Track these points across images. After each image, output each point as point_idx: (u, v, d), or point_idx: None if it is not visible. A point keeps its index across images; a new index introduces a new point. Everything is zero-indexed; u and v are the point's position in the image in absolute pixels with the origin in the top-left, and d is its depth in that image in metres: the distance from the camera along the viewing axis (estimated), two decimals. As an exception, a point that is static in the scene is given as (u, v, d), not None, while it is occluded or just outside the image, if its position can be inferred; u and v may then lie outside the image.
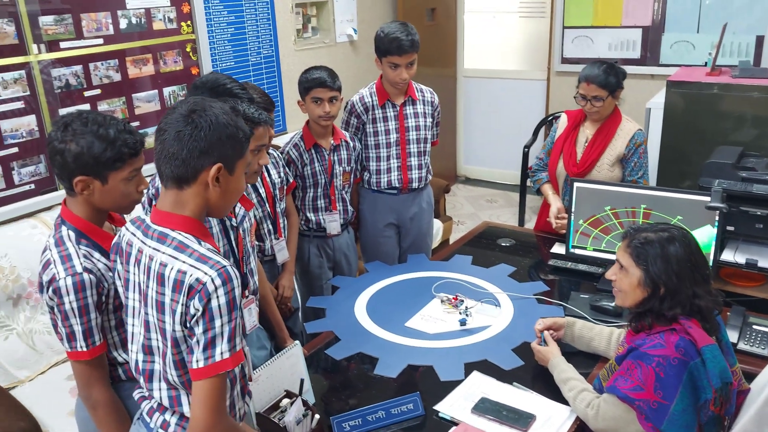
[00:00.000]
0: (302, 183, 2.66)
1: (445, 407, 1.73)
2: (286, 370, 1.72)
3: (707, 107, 3.02)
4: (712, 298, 1.57)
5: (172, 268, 1.28)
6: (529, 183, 3.14)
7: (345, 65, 4.65)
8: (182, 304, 1.27)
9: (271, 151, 2.48)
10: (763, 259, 2.24)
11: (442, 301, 2.27)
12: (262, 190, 2.36)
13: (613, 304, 2.14)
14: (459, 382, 1.83)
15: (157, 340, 1.35)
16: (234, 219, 1.83)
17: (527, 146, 4.93)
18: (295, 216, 2.63)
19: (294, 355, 1.75)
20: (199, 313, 1.25)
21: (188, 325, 1.28)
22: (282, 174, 2.48)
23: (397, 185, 2.83)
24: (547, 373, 1.83)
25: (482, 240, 2.91)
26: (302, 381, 1.69)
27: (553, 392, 1.77)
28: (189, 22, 3.45)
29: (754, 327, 2.03)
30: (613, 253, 2.38)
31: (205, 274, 1.26)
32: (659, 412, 1.48)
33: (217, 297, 1.25)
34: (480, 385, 1.81)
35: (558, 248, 2.70)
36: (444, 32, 5.56)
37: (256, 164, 1.89)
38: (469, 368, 1.89)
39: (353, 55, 4.73)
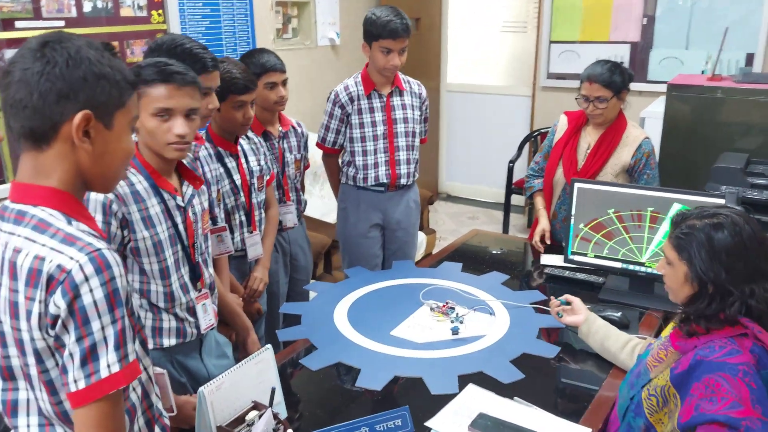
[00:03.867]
0: None
1: (438, 423, 1.51)
2: (254, 378, 1.48)
3: (710, 112, 2.88)
4: None
5: (27, 254, 0.97)
6: (522, 198, 2.96)
7: (326, 70, 4.47)
8: (40, 301, 0.95)
9: (251, 135, 2.26)
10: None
11: (431, 309, 2.05)
12: (236, 177, 2.13)
13: (618, 315, 1.95)
14: (452, 396, 1.61)
15: (17, 357, 1.02)
16: (180, 198, 1.60)
17: (512, 162, 4.80)
18: (275, 209, 2.39)
19: (264, 360, 1.50)
20: (63, 314, 0.94)
21: (50, 332, 0.96)
22: (262, 162, 2.25)
23: (385, 181, 2.64)
24: (552, 387, 1.62)
25: (472, 247, 2.70)
26: (273, 390, 1.45)
27: (559, 408, 1.57)
28: (160, 11, 3.24)
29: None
30: (616, 260, 2.21)
31: (71, 258, 0.95)
32: None
33: (90, 290, 0.94)
34: (476, 400, 1.60)
35: (545, 259, 2.48)
36: (428, 44, 5.42)
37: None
38: (463, 381, 1.67)
39: (335, 59, 4.56)
